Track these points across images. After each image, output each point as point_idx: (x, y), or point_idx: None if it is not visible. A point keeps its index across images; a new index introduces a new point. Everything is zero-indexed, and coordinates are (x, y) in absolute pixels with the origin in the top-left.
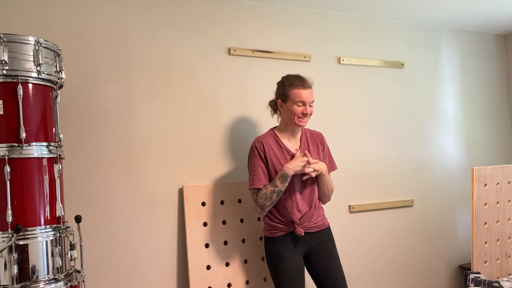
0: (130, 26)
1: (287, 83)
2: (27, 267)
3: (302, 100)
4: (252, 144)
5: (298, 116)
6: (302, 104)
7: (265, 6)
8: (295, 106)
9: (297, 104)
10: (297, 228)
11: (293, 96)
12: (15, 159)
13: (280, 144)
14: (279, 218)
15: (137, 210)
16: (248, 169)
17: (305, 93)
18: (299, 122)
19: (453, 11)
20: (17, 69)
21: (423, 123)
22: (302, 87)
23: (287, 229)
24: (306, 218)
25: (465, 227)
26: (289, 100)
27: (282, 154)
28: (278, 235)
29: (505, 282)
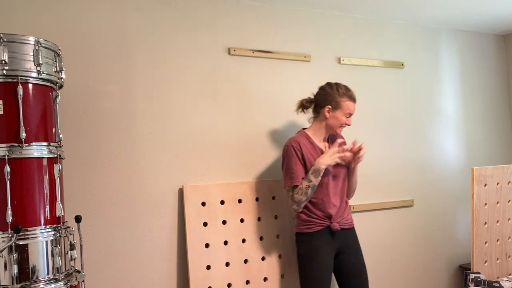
0: (130, 26)
1: (341, 93)
2: (27, 267)
3: (350, 113)
4: (288, 144)
5: (342, 126)
6: (349, 116)
7: (265, 6)
8: (343, 117)
9: (346, 115)
10: (333, 223)
11: (345, 107)
12: (15, 159)
13: (314, 144)
14: (316, 213)
15: (137, 210)
16: (282, 169)
17: (353, 106)
18: (339, 131)
19: (453, 11)
20: (17, 69)
21: (423, 123)
22: (354, 100)
23: (324, 224)
24: (339, 214)
25: (465, 227)
26: (340, 110)
27: (316, 153)
28: (315, 229)
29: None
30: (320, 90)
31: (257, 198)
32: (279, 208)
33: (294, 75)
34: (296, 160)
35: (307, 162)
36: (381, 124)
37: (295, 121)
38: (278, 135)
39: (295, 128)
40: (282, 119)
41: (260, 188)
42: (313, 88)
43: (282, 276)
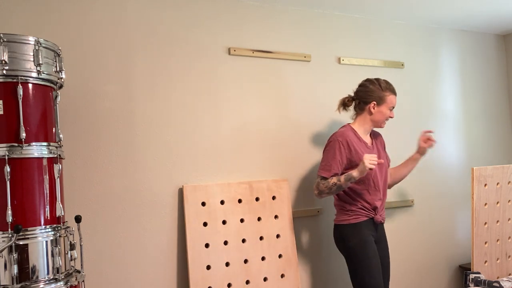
0: (130, 26)
1: (383, 87)
2: (27, 267)
3: (394, 106)
4: (335, 137)
5: (387, 119)
6: (392, 108)
7: (265, 6)
8: (388, 111)
9: (390, 108)
10: (376, 215)
11: (389, 101)
12: (15, 159)
13: (360, 139)
14: (364, 204)
15: (137, 210)
16: (323, 157)
17: (395, 100)
18: (384, 125)
19: (453, 11)
20: (17, 69)
21: (423, 123)
22: (395, 94)
23: (368, 216)
24: (381, 208)
25: (465, 227)
26: (384, 104)
27: (363, 147)
28: (362, 220)
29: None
30: (361, 87)
31: (257, 198)
32: (279, 208)
33: (294, 75)
34: (336, 154)
35: (355, 155)
36: None
37: (295, 121)
38: (278, 135)
39: (294, 128)
40: (281, 119)
41: (260, 188)
42: (313, 88)
43: (282, 276)
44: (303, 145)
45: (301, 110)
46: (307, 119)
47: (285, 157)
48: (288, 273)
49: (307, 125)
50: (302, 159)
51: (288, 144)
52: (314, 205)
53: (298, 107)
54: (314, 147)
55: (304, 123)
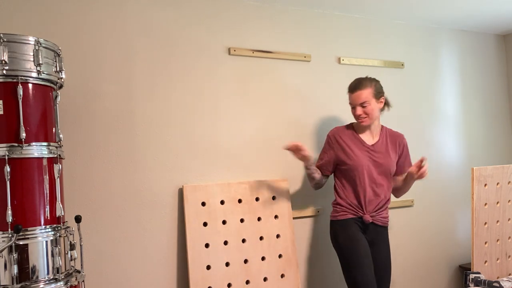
0: (130, 26)
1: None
2: (27, 267)
3: (351, 103)
4: (329, 132)
5: (356, 118)
6: (354, 106)
7: (265, 6)
8: (351, 109)
9: (351, 106)
10: (365, 215)
11: (349, 100)
12: (15, 159)
13: (356, 136)
14: (351, 201)
15: (137, 210)
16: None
17: (352, 96)
18: (361, 123)
19: (453, 11)
20: (17, 69)
21: (423, 123)
22: (350, 90)
23: (355, 214)
24: (376, 209)
25: (465, 227)
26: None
27: (355, 144)
28: (349, 217)
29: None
30: None
31: (257, 198)
32: (279, 208)
33: (294, 75)
34: (326, 148)
35: (340, 152)
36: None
37: (294, 121)
38: (278, 135)
39: (294, 128)
40: (282, 119)
41: (260, 188)
42: (313, 88)
43: (282, 276)
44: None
45: (301, 110)
46: (307, 119)
47: (285, 157)
48: (288, 273)
49: (307, 125)
50: None
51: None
52: (314, 205)
53: (298, 107)
54: (314, 147)
55: (304, 123)
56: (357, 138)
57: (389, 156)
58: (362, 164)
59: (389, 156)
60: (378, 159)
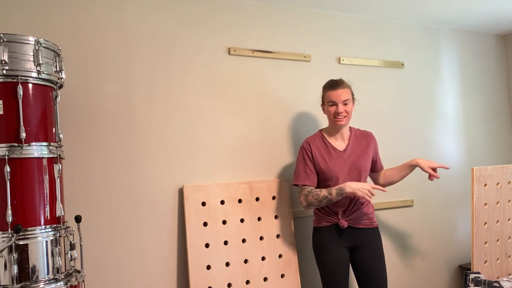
0: (130, 26)
1: (324, 87)
2: (27, 267)
3: (331, 100)
4: (302, 144)
5: (333, 116)
6: (334, 104)
7: (265, 6)
8: (329, 107)
9: (329, 104)
10: (340, 220)
11: (326, 97)
12: (15, 159)
13: (327, 144)
14: (325, 208)
15: (137, 210)
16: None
17: (334, 94)
18: (336, 122)
19: (453, 11)
20: (17, 69)
21: (423, 123)
22: (332, 88)
23: (332, 220)
24: (351, 213)
25: (465, 227)
26: (325, 103)
27: (328, 153)
28: (323, 225)
29: (505, 282)
30: None
31: (257, 198)
32: (279, 208)
33: (294, 75)
34: (302, 160)
35: (316, 163)
36: (381, 124)
37: (295, 121)
38: (278, 135)
39: (294, 127)
40: (282, 119)
41: (260, 188)
42: (313, 88)
43: (282, 276)
44: None
45: (301, 110)
46: (307, 118)
47: (285, 157)
48: (288, 273)
49: (307, 125)
50: None
51: (288, 144)
52: None
53: (298, 107)
54: None
55: (304, 123)
56: (328, 145)
57: (363, 156)
58: (336, 172)
59: (363, 156)
60: (352, 163)
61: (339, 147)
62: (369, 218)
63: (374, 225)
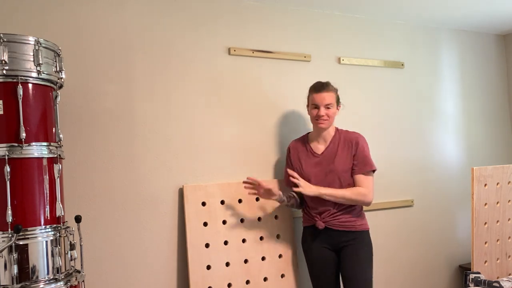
0: (130, 26)
1: (309, 89)
2: (27, 267)
3: (314, 103)
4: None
5: (315, 118)
6: (316, 106)
7: (265, 6)
8: (311, 110)
9: (312, 107)
10: (318, 221)
11: (310, 100)
12: (15, 159)
13: (307, 147)
14: (306, 209)
15: (137, 210)
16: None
17: (318, 97)
18: (318, 124)
19: (453, 11)
20: (17, 69)
21: (423, 123)
22: (315, 91)
23: (310, 222)
24: (329, 215)
25: (465, 227)
26: (309, 105)
27: (307, 156)
28: (305, 225)
29: (505, 282)
30: None
31: (257, 198)
32: (279, 208)
33: (294, 75)
34: (287, 162)
35: (295, 165)
36: (381, 124)
37: (295, 120)
38: (278, 135)
39: (294, 127)
40: (282, 119)
41: None
42: None
43: (282, 276)
44: None
45: (301, 110)
46: (307, 119)
47: (285, 157)
48: (288, 273)
49: (307, 125)
50: None
51: (288, 144)
52: None
53: (298, 107)
54: None
55: (304, 123)
56: (307, 149)
57: (340, 160)
58: (308, 175)
59: (340, 160)
60: (327, 166)
61: (318, 151)
62: (349, 221)
63: (357, 228)
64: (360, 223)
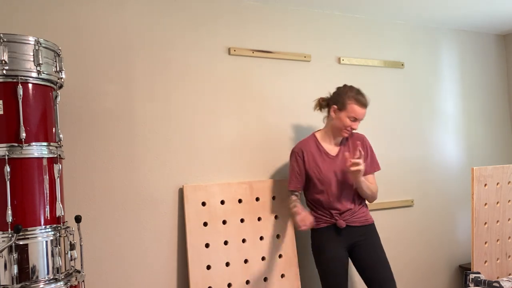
0: (130, 26)
1: (349, 95)
2: (27, 267)
3: (356, 117)
4: (293, 148)
5: (347, 129)
6: (354, 120)
7: (265, 6)
8: (348, 119)
9: (350, 118)
10: (338, 220)
11: (350, 109)
12: (15, 159)
13: (320, 148)
14: (322, 210)
15: (137, 210)
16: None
17: (361, 112)
18: (343, 134)
19: (453, 11)
20: (17, 69)
21: (423, 123)
22: (362, 105)
23: (328, 222)
24: (348, 213)
25: (465, 227)
26: (344, 111)
27: (321, 158)
28: (321, 226)
29: (505, 282)
30: (335, 89)
31: (257, 198)
32: (279, 208)
33: (294, 75)
34: (294, 167)
35: (309, 168)
36: (381, 124)
37: (295, 121)
38: (278, 135)
39: (294, 127)
40: (281, 119)
41: (260, 188)
42: (313, 88)
43: (282, 276)
44: None
45: (301, 110)
46: (307, 118)
47: (285, 157)
48: (288, 273)
49: (307, 125)
50: None
51: (288, 144)
52: None
53: (298, 107)
54: None
55: (304, 123)
56: (321, 150)
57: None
58: (329, 177)
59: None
60: (343, 168)
61: (332, 152)
62: (364, 216)
63: (369, 221)
64: (370, 216)
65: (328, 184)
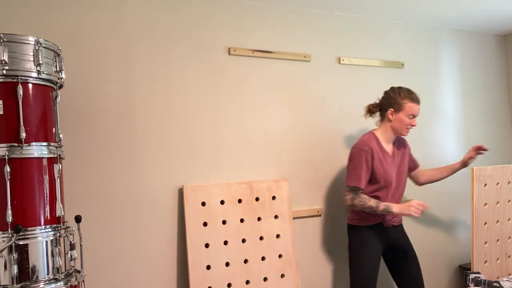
0: (130, 26)
1: (402, 95)
2: (27, 267)
3: (414, 114)
4: (360, 147)
5: (407, 127)
6: (413, 117)
7: (265, 6)
8: (407, 118)
9: (409, 116)
10: (385, 219)
11: (408, 108)
12: (15, 159)
13: (381, 148)
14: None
15: (137, 210)
16: (349, 167)
17: (418, 108)
18: (406, 133)
19: (453, 11)
20: (17, 69)
21: (423, 123)
22: (417, 102)
23: (377, 220)
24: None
25: (465, 227)
26: (402, 112)
27: (384, 157)
28: (366, 224)
29: (505, 282)
30: (384, 94)
31: (257, 198)
32: (279, 208)
33: (294, 75)
34: (364, 164)
35: (376, 167)
36: None
37: (295, 120)
38: (278, 135)
39: (294, 127)
40: (281, 119)
41: (260, 188)
42: (313, 88)
43: (282, 276)
44: (303, 145)
45: (301, 110)
46: (307, 119)
47: (285, 157)
48: (288, 273)
49: (307, 125)
50: (302, 159)
51: (288, 144)
52: (314, 205)
53: (297, 107)
54: (314, 146)
55: (303, 123)
56: (383, 150)
57: (404, 159)
58: (392, 177)
59: (404, 159)
60: (399, 166)
61: (390, 152)
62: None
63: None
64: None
65: (389, 181)
